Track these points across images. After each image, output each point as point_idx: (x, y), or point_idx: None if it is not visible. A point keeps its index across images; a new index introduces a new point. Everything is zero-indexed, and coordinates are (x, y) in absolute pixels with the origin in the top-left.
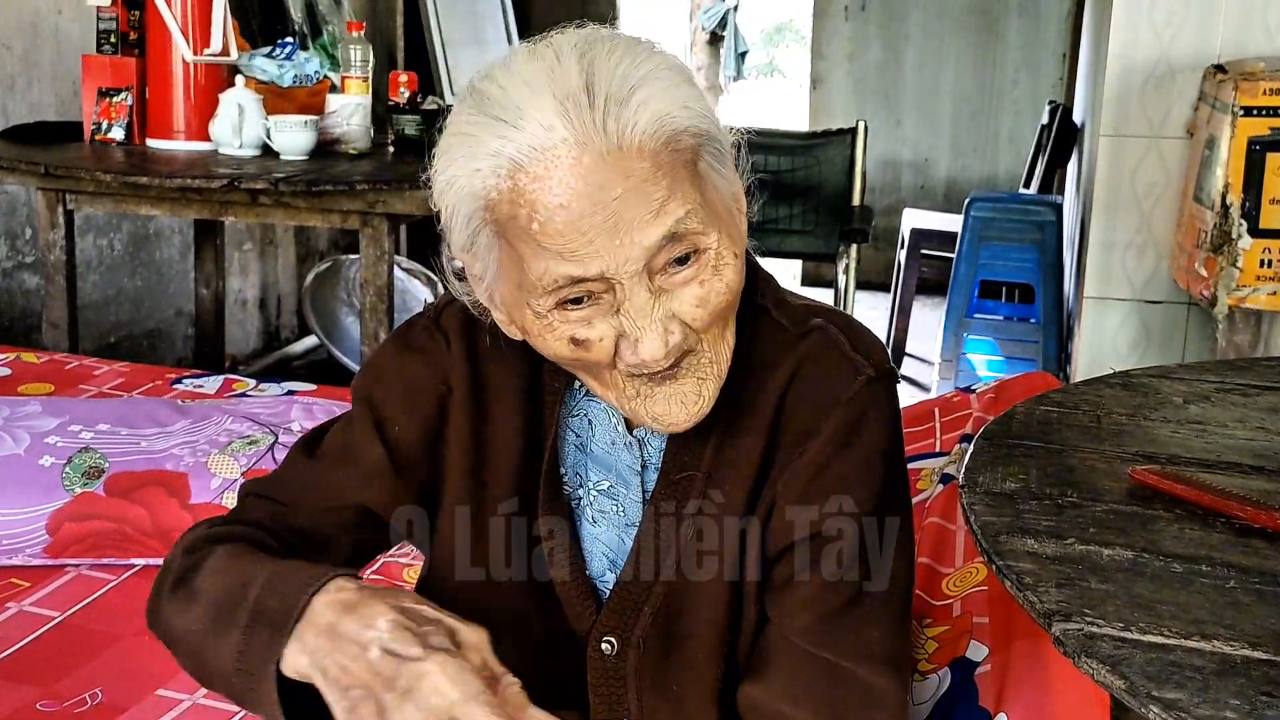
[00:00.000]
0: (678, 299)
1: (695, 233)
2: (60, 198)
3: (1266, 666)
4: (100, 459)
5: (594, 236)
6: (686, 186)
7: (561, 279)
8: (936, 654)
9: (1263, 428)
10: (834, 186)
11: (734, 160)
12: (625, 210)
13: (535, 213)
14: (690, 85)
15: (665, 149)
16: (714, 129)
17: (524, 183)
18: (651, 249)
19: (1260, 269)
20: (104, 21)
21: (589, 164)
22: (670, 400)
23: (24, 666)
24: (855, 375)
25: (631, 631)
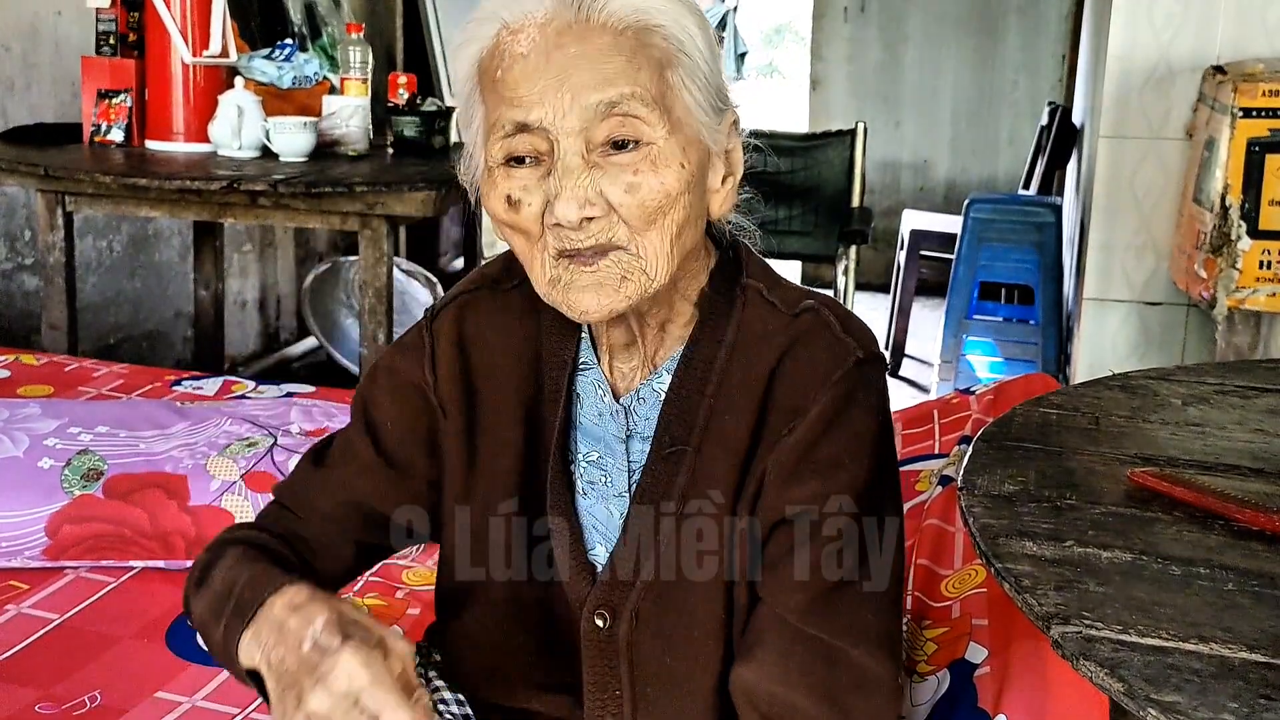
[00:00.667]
0: (609, 178)
1: (637, 118)
2: (59, 199)
3: (1265, 669)
4: (99, 461)
5: (542, 87)
6: (643, 75)
7: (509, 124)
8: (935, 656)
9: (1261, 430)
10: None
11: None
12: (574, 70)
13: (503, 61)
14: (686, 9)
15: (631, 36)
16: (695, 54)
17: (504, 36)
18: (589, 111)
19: (1259, 270)
20: (103, 23)
21: (557, 26)
22: (587, 287)
23: (23, 669)
24: (845, 356)
25: (624, 605)
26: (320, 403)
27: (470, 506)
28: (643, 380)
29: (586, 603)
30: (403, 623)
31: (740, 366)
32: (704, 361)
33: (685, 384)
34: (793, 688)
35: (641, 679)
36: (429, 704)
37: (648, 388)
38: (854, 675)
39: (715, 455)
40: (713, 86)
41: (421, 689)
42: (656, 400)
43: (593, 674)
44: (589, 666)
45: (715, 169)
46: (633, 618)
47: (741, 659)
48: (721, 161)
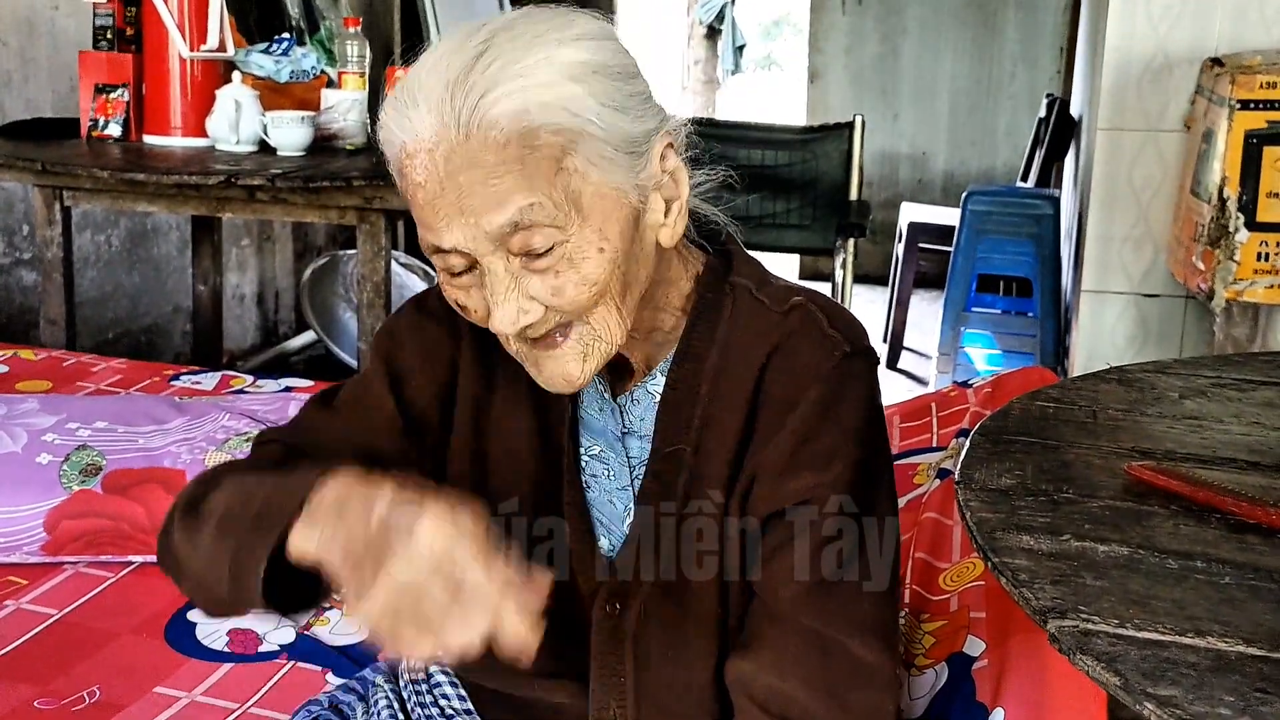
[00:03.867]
0: (535, 284)
1: (544, 225)
2: (57, 194)
3: (1261, 663)
4: (98, 456)
5: (445, 213)
6: (539, 180)
7: (429, 247)
8: (933, 649)
9: (1258, 423)
10: (831, 181)
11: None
12: (468, 196)
13: (409, 185)
14: (575, 84)
15: (516, 144)
16: (594, 129)
17: (404, 160)
18: (495, 234)
19: (1257, 262)
20: (100, 17)
21: (443, 151)
22: (553, 370)
23: (21, 664)
24: (833, 351)
25: (634, 597)
26: None
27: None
28: (637, 383)
29: (598, 593)
30: None
31: (733, 365)
32: (696, 362)
33: (679, 385)
34: (789, 679)
35: (645, 669)
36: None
37: (641, 389)
38: (850, 666)
39: (712, 453)
40: (621, 143)
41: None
42: (651, 401)
43: (600, 662)
44: (597, 654)
45: (653, 207)
46: (641, 609)
47: (738, 651)
48: (660, 193)
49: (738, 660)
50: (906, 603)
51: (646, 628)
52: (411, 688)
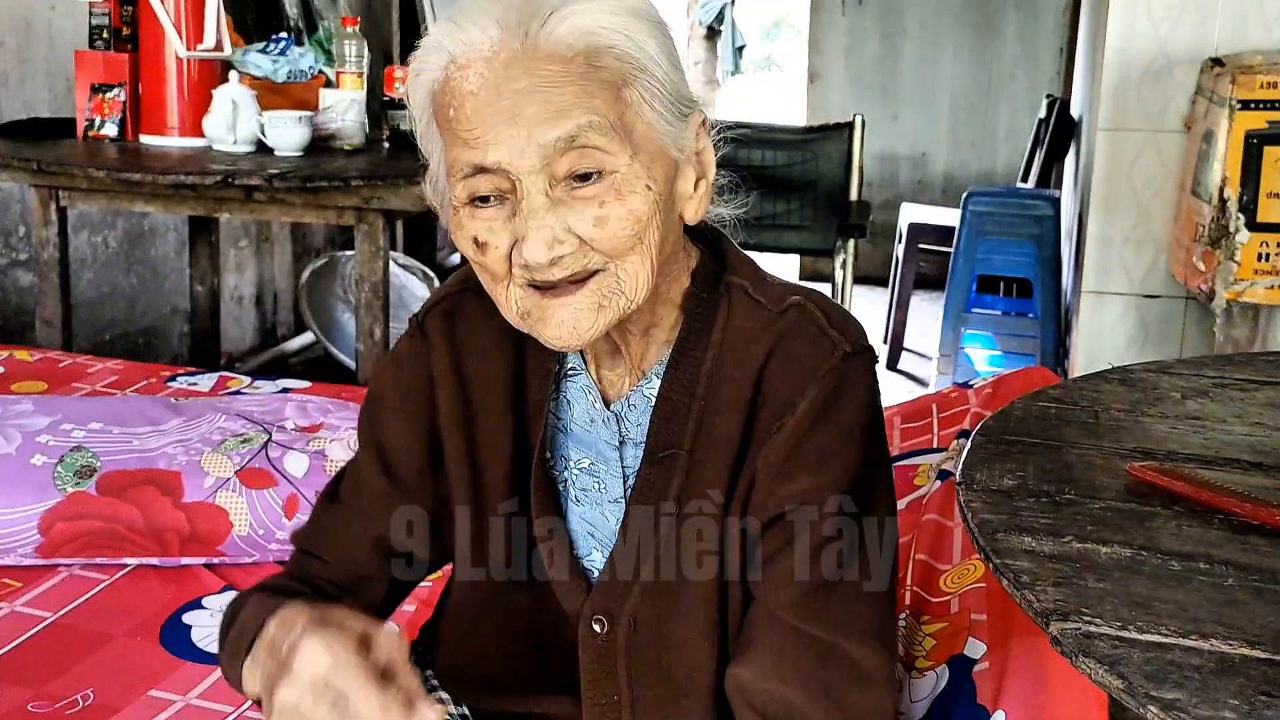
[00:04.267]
0: (575, 213)
1: (597, 148)
2: (54, 195)
3: (1265, 665)
4: (92, 458)
5: (495, 124)
6: (599, 102)
7: (467, 166)
8: (934, 651)
9: (1261, 423)
10: (831, 181)
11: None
12: (526, 104)
13: (454, 99)
14: (637, 20)
15: (581, 60)
16: (652, 66)
17: (452, 72)
18: (548, 148)
19: (1258, 263)
20: (97, 17)
21: (504, 59)
22: (563, 318)
23: (15, 667)
24: (832, 350)
25: (621, 610)
26: (315, 398)
27: (469, 508)
28: (632, 386)
29: (583, 609)
30: (398, 619)
31: (729, 366)
32: (692, 363)
33: (674, 387)
34: (788, 684)
35: (639, 682)
36: (423, 697)
37: (638, 394)
38: (849, 670)
39: (709, 457)
40: (674, 94)
41: (410, 679)
42: (647, 406)
43: (590, 677)
44: (586, 670)
45: (685, 175)
46: (630, 623)
47: (737, 658)
48: (692, 166)
49: (737, 668)
50: (907, 604)
51: (638, 642)
52: None
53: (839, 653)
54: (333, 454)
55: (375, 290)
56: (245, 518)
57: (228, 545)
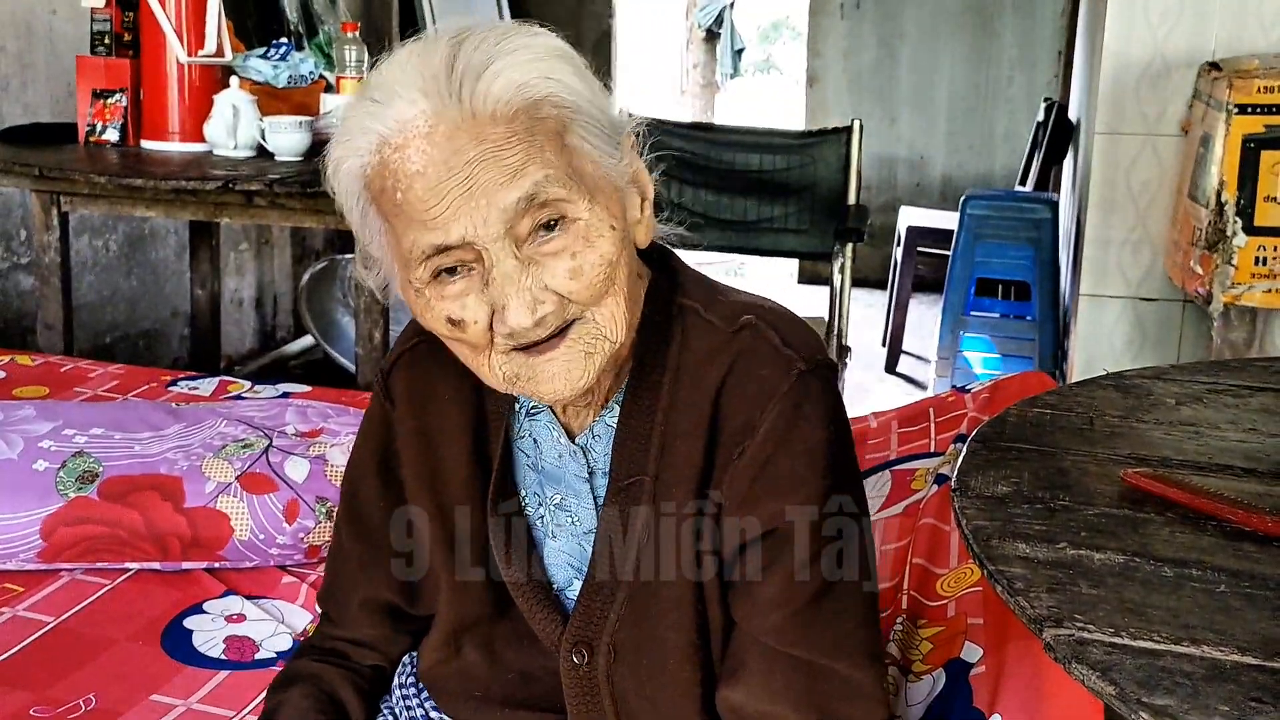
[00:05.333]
0: (549, 270)
1: (559, 199)
2: (55, 200)
3: (1256, 672)
4: (94, 463)
5: (452, 201)
6: (549, 154)
7: (428, 248)
8: (931, 655)
9: (1254, 429)
10: (829, 185)
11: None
12: (480, 173)
13: (398, 182)
14: (560, 61)
15: (523, 116)
16: (586, 105)
17: (388, 155)
18: (510, 211)
19: (1255, 266)
20: (98, 23)
21: (444, 131)
22: (553, 373)
23: (18, 671)
24: (788, 370)
25: (599, 639)
26: (316, 403)
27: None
28: (595, 417)
29: (562, 642)
30: None
31: (686, 390)
32: (650, 389)
33: (634, 415)
34: (780, 703)
35: (625, 710)
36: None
37: (600, 424)
38: (838, 684)
39: (674, 481)
40: (607, 125)
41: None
42: (611, 435)
43: (576, 707)
44: (571, 701)
45: (632, 202)
46: (610, 651)
47: (726, 681)
48: (635, 189)
49: (727, 691)
50: (904, 608)
51: (619, 670)
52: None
53: (827, 673)
54: (333, 459)
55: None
56: (246, 522)
57: (229, 550)
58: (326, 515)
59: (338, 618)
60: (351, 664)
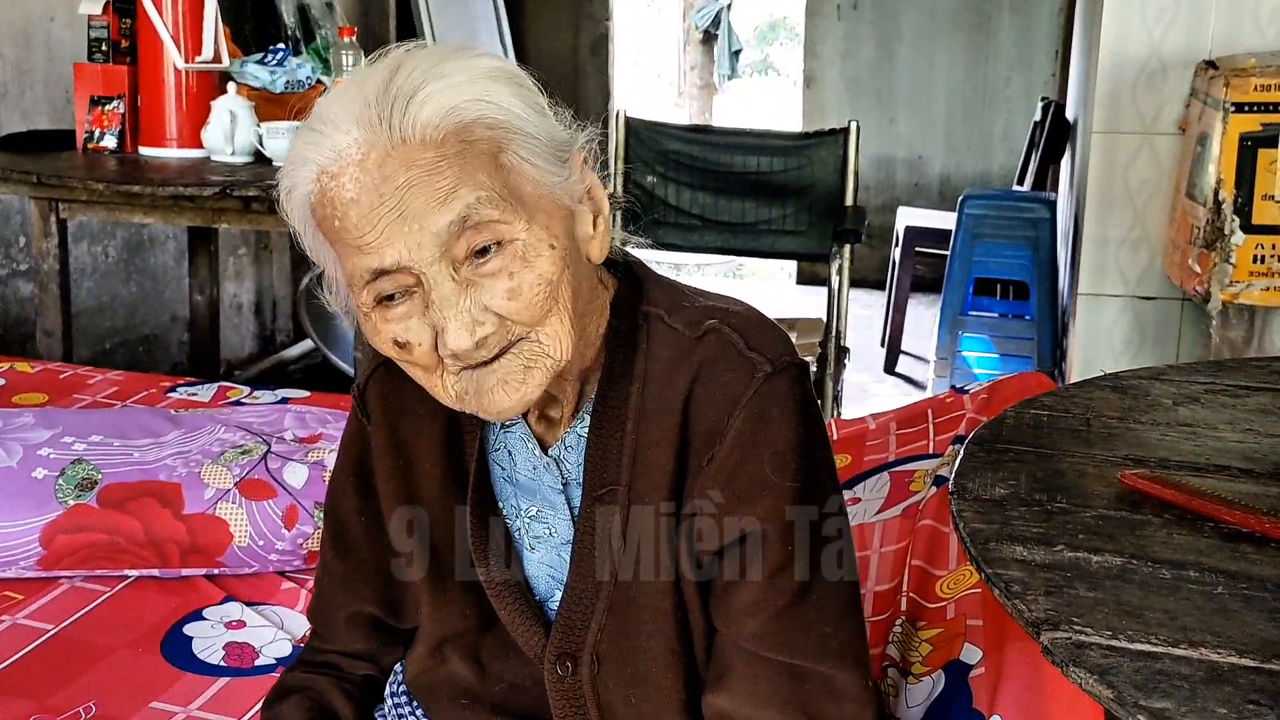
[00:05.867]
0: (487, 290)
1: (492, 221)
2: (53, 206)
3: (1253, 674)
4: (93, 470)
5: (385, 227)
6: (482, 176)
7: (366, 272)
8: (930, 657)
9: (1252, 430)
10: (827, 186)
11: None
12: (412, 199)
13: (334, 210)
14: (496, 83)
15: (454, 139)
16: (523, 124)
17: (326, 183)
18: (442, 235)
19: (1253, 264)
20: (95, 29)
21: (375, 158)
22: (496, 387)
23: (18, 679)
24: (753, 373)
25: (582, 650)
26: (314, 408)
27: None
28: (566, 429)
29: (545, 654)
30: None
31: (655, 398)
32: (619, 398)
33: (604, 424)
34: (766, 708)
35: (611, 714)
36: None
37: (572, 434)
38: (822, 686)
39: (647, 489)
40: (550, 144)
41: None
42: (583, 445)
43: (562, 714)
44: (558, 712)
45: (582, 220)
46: (593, 661)
47: (711, 688)
48: (586, 206)
49: (712, 697)
50: (903, 610)
51: (603, 680)
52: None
53: (810, 676)
54: (331, 464)
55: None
56: (245, 529)
57: (228, 556)
58: None
59: (325, 633)
60: (344, 674)
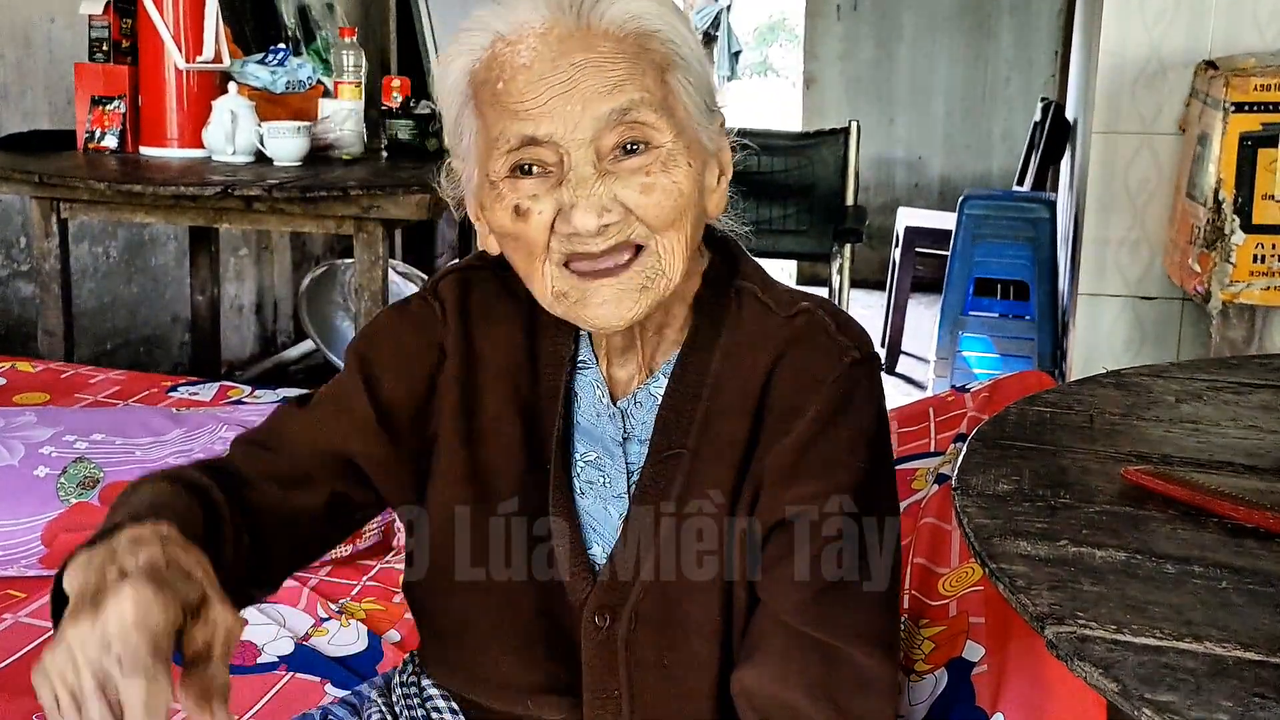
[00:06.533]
0: (623, 184)
1: (647, 124)
2: (54, 206)
3: (1258, 668)
4: (95, 469)
5: (550, 97)
6: (648, 80)
7: (515, 138)
8: (933, 654)
9: (1255, 426)
10: (827, 186)
11: (723, 129)
12: (583, 78)
13: (503, 72)
14: (675, 13)
15: (632, 40)
16: (690, 57)
17: (500, 48)
18: (601, 120)
19: (1253, 264)
20: (96, 30)
21: (558, 34)
22: (605, 300)
23: (20, 677)
24: (841, 357)
25: (623, 606)
26: None
27: (469, 505)
28: (640, 384)
29: (587, 603)
30: (400, 627)
31: (736, 369)
32: (699, 364)
33: (681, 387)
34: (792, 689)
35: (639, 679)
36: (222, 700)
37: (644, 391)
38: (852, 675)
39: (712, 457)
40: (705, 89)
41: (222, 674)
42: (654, 404)
43: (591, 671)
44: (588, 666)
45: (711, 169)
46: (631, 618)
47: (742, 662)
48: (715, 161)
49: (741, 670)
50: (906, 608)
51: (639, 638)
52: (404, 703)
53: (843, 658)
54: None
55: (375, 299)
56: None
57: None
58: None
59: (284, 451)
60: (239, 490)
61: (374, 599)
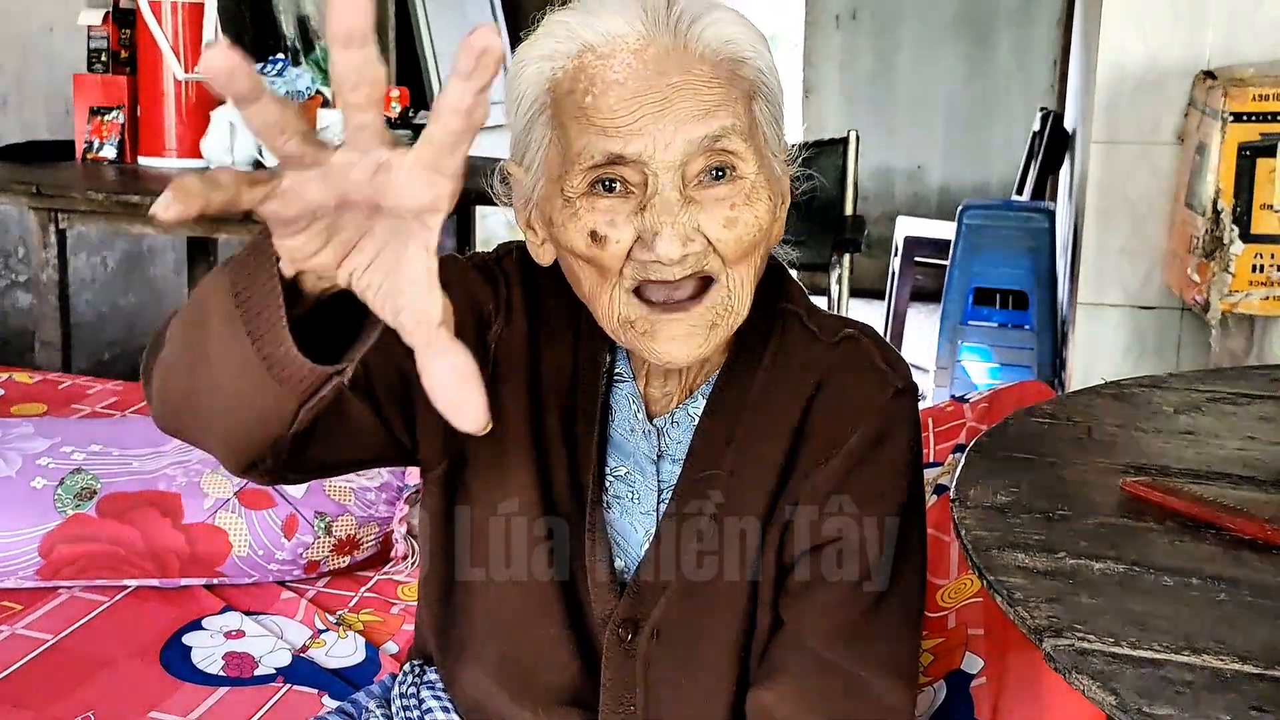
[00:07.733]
0: (707, 212)
1: (735, 152)
2: (52, 217)
3: (1257, 681)
4: (92, 480)
5: (642, 115)
6: (738, 106)
7: (601, 155)
8: (932, 666)
9: (1253, 437)
10: (826, 196)
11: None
12: (678, 99)
13: (592, 86)
14: (763, 42)
15: (726, 65)
16: (774, 88)
17: (589, 60)
18: (693, 145)
19: (1252, 274)
20: (95, 40)
21: (654, 53)
22: (675, 336)
23: (18, 689)
24: (885, 386)
25: (646, 619)
26: None
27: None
28: (679, 403)
29: (611, 616)
30: (398, 638)
31: (777, 393)
32: (740, 386)
33: (720, 408)
34: (810, 713)
35: (657, 693)
36: None
37: (683, 411)
38: (872, 705)
39: (747, 480)
40: (781, 119)
41: None
42: (690, 424)
43: (610, 683)
44: (608, 678)
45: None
46: (653, 634)
47: (760, 682)
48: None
49: (759, 691)
50: None
51: (660, 653)
52: (403, 714)
53: (866, 688)
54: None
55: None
56: (244, 538)
57: (227, 566)
58: (325, 530)
59: None
60: None
61: (372, 610)
